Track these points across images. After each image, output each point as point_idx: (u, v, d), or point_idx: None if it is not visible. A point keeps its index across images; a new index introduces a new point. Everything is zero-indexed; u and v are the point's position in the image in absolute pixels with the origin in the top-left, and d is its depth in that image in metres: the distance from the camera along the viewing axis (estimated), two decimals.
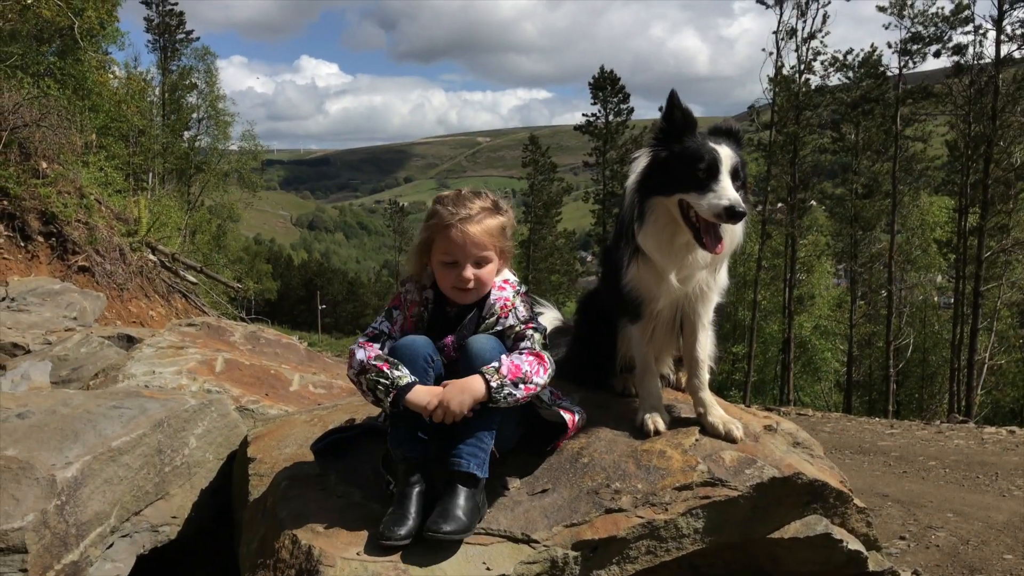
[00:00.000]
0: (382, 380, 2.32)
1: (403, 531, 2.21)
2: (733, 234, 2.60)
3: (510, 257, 2.58)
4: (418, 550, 2.22)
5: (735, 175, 2.45)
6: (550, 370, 2.44)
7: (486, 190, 2.59)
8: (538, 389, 2.40)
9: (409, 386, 2.31)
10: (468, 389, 2.28)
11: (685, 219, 2.50)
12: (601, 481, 2.48)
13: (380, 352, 2.41)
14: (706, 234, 2.47)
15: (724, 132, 2.57)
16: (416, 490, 2.31)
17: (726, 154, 2.45)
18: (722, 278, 2.73)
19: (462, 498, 2.26)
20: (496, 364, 2.33)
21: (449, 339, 2.51)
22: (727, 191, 2.39)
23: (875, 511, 5.07)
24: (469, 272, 2.44)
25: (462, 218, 2.42)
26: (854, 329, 31.82)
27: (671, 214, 2.54)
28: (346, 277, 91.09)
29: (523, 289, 2.59)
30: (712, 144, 2.47)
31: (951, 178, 29.80)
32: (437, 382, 2.39)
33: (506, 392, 2.31)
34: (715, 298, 2.74)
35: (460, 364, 2.40)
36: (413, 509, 2.27)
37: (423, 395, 2.30)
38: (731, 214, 2.36)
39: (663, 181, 2.52)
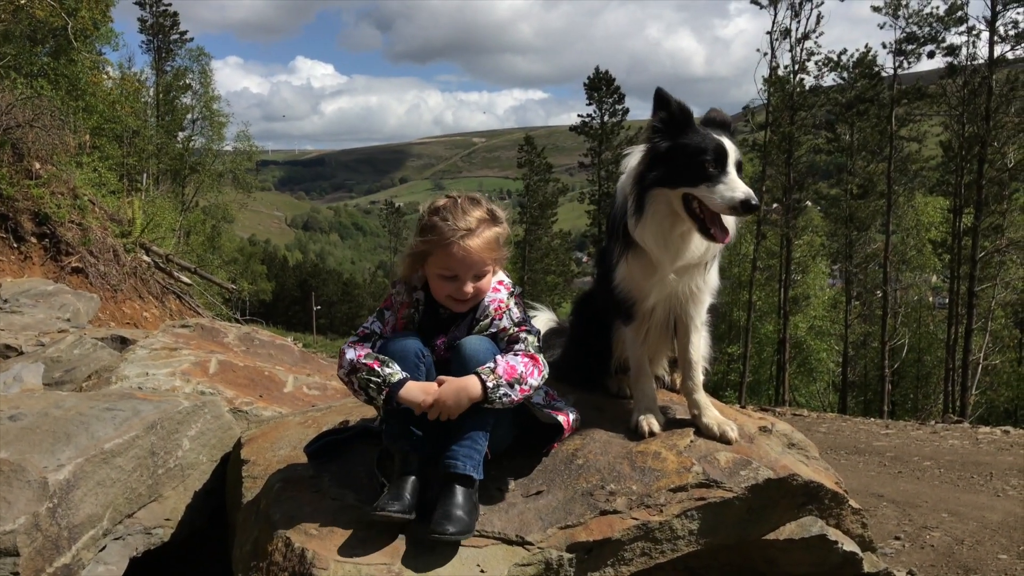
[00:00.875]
0: (373, 378, 2.31)
1: (398, 506, 2.23)
2: (729, 228, 2.59)
3: (504, 262, 2.57)
4: (412, 552, 2.22)
5: (739, 167, 2.45)
6: (544, 372, 2.44)
7: (482, 196, 2.56)
8: (532, 391, 2.40)
9: (401, 382, 2.30)
10: (464, 388, 2.28)
11: (688, 211, 2.49)
12: (596, 483, 2.47)
13: (370, 350, 2.40)
14: (712, 224, 2.45)
15: (719, 124, 2.56)
16: (411, 478, 2.32)
17: (731, 147, 2.45)
18: (712, 279, 2.72)
19: (460, 497, 2.26)
20: (491, 365, 2.33)
21: (440, 340, 2.50)
22: (739, 183, 2.38)
23: (870, 511, 5.07)
24: (469, 287, 2.43)
25: (463, 234, 2.38)
26: (849, 329, 31.87)
27: (672, 206, 2.52)
28: (341, 278, 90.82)
29: (517, 291, 2.58)
30: (716, 136, 2.46)
31: (945, 178, 29.86)
32: (428, 378, 2.39)
33: (502, 392, 2.30)
34: (707, 299, 2.73)
35: (452, 364, 2.39)
36: (408, 492, 2.28)
37: (416, 392, 2.30)
38: (747, 207, 2.35)
39: (666, 174, 2.48)
